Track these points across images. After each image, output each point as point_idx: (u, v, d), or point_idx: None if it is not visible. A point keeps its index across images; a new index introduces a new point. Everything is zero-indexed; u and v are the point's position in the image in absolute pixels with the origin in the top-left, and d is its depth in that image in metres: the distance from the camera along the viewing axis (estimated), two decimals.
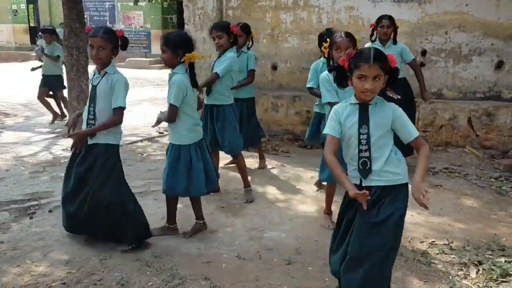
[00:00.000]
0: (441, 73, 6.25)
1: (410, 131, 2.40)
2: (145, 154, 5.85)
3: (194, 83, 3.47)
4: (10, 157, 5.75)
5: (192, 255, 3.34)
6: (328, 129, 2.45)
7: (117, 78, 3.27)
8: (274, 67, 7.14)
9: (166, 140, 5.95)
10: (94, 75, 3.33)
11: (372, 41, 5.13)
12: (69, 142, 6.35)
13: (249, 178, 4.59)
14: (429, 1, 6.13)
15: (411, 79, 5.33)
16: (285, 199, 4.49)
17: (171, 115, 3.41)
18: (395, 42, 5.09)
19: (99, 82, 3.27)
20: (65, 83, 6.87)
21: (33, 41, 22.80)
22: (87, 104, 3.34)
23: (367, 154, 2.38)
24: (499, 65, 6.03)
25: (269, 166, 5.50)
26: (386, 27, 4.98)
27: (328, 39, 3.62)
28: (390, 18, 5.04)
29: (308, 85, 4.53)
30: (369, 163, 2.38)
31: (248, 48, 5.17)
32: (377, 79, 2.32)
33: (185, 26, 7.39)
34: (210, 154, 3.70)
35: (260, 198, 4.50)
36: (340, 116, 2.44)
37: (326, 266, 3.19)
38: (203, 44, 7.00)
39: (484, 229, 3.82)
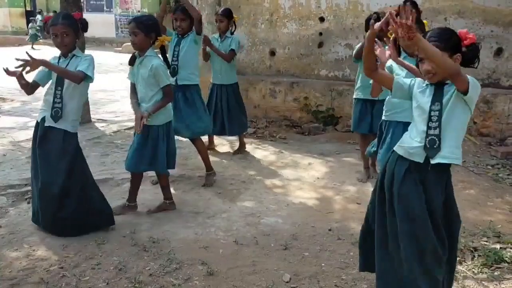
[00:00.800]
0: None
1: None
2: None
3: (167, 65, 3.68)
4: (7, 142, 5.74)
5: (190, 240, 3.35)
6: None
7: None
8: (272, 53, 7.10)
9: None
10: (59, 60, 3.27)
11: None
12: None
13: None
14: None
15: None
16: (282, 185, 4.50)
17: (171, 95, 3.58)
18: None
19: (67, 65, 3.21)
20: None
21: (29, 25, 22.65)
22: (53, 88, 3.25)
23: (436, 132, 2.22)
24: (498, 52, 6.01)
25: (266, 152, 5.50)
26: (409, 11, 4.64)
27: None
28: (413, 3, 4.58)
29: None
30: (438, 142, 2.21)
31: (232, 33, 5.15)
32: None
33: None
34: (173, 136, 3.81)
35: (257, 184, 4.50)
36: (415, 88, 2.33)
37: (323, 251, 3.22)
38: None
39: (480, 216, 3.84)
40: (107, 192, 4.18)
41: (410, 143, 2.30)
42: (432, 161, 2.22)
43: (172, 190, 4.18)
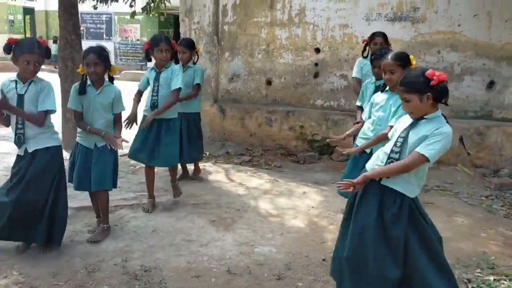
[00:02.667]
0: None
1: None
2: (137, 167, 5.82)
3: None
4: (1, 167, 5.71)
5: (181, 268, 3.32)
6: None
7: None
8: (269, 82, 7.19)
9: None
10: (16, 85, 3.28)
11: (364, 57, 5.13)
12: None
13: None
14: (422, 20, 6.23)
15: None
16: (277, 213, 4.49)
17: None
18: None
19: (25, 91, 3.26)
20: None
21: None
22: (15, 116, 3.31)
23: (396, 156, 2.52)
24: (491, 85, 6.11)
25: (261, 181, 5.50)
26: (379, 44, 4.96)
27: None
28: (384, 35, 5.03)
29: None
30: None
31: (194, 63, 5.19)
32: (406, 101, 2.51)
33: None
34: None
35: (251, 212, 4.49)
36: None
37: (316, 282, 3.19)
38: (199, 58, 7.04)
39: (474, 247, 3.83)
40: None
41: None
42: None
43: (165, 217, 4.17)
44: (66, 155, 6.39)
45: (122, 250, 3.55)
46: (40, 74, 3.39)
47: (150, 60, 4.63)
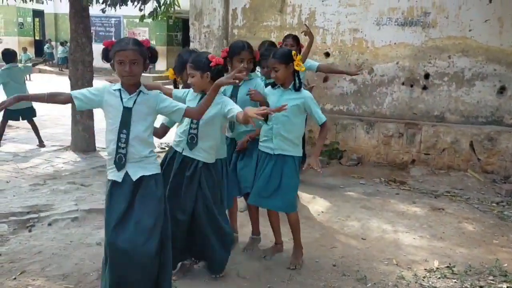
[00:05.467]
0: (444, 97, 6.28)
1: None
2: None
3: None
4: (10, 168, 5.74)
5: (192, 273, 3.30)
6: None
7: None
8: None
9: None
10: (121, 96, 2.63)
11: None
12: (68, 155, 6.36)
13: None
14: (432, 25, 6.20)
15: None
16: (286, 219, 4.45)
17: None
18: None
19: (134, 102, 2.62)
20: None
21: (37, 54, 23.01)
22: (116, 129, 2.59)
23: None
24: (502, 91, 6.06)
25: None
26: (289, 45, 4.93)
27: None
28: (295, 37, 5.15)
29: None
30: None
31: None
32: None
33: (191, 43, 7.46)
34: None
35: (261, 217, 4.46)
36: None
37: (326, 287, 3.17)
38: None
39: (486, 254, 3.79)
40: None
41: None
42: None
43: None
44: (75, 157, 6.48)
45: None
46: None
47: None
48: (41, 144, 7.08)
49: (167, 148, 6.73)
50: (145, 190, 2.59)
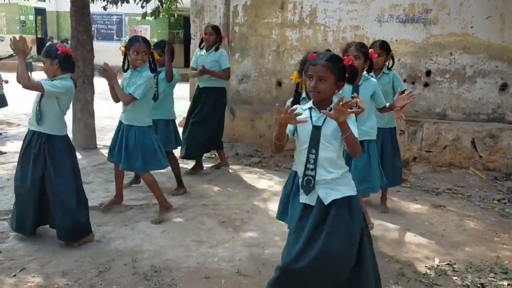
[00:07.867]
0: (445, 94, 6.26)
1: None
2: None
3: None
4: (11, 166, 5.74)
5: (191, 270, 3.30)
6: None
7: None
8: (279, 84, 7.17)
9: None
10: (309, 111, 2.51)
11: (201, 48, 5.60)
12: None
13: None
14: (434, 22, 6.17)
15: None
16: None
17: None
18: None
19: (324, 121, 2.42)
20: None
21: (40, 52, 23.02)
22: (306, 149, 2.51)
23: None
24: (503, 88, 6.03)
25: (271, 182, 5.48)
26: (208, 34, 5.39)
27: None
28: (214, 27, 5.52)
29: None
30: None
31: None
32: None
33: (191, 41, 7.45)
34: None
35: (261, 214, 4.47)
36: None
37: None
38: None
39: (487, 252, 3.78)
40: (111, 218, 4.17)
41: None
42: None
43: (175, 218, 4.16)
44: (78, 155, 6.45)
45: (132, 250, 3.54)
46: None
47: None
48: None
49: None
50: None
